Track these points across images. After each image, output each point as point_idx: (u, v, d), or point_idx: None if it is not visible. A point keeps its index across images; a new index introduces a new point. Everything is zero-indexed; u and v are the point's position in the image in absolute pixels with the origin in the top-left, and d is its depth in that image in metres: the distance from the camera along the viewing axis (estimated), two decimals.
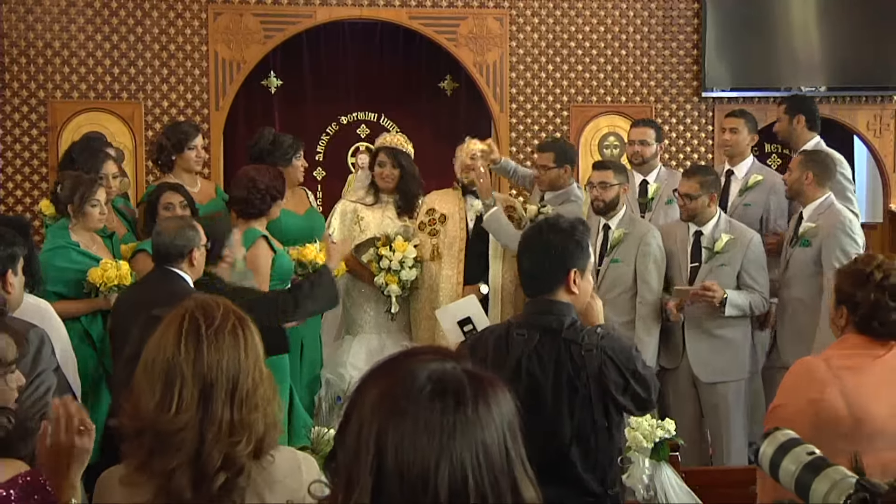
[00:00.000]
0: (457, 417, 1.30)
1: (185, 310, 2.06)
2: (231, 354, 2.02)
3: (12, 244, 3.44)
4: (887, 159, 7.31)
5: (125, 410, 2.03)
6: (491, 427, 1.32)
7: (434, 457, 1.27)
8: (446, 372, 1.35)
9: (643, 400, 2.95)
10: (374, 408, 1.32)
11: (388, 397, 1.31)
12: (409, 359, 1.38)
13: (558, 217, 3.18)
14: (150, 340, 2.07)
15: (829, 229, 4.93)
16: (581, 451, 2.91)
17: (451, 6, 6.99)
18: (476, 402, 1.33)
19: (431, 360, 1.36)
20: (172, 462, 1.95)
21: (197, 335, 2.01)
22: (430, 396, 1.30)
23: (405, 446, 1.28)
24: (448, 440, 1.28)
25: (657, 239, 5.01)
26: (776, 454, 2.20)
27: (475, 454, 1.29)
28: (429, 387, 1.31)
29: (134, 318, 3.30)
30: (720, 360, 4.98)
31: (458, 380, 1.34)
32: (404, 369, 1.35)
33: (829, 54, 7.21)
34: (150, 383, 2.00)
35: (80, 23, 6.72)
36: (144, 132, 6.75)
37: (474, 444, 1.29)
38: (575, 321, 2.97)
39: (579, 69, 7.16)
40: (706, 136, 7.25)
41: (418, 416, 1.29)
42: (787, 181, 5.18)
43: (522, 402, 2.84)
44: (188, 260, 3.94)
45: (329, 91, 7.32)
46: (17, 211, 6.65)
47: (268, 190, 4.63)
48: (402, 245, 5.09)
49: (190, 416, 1.97)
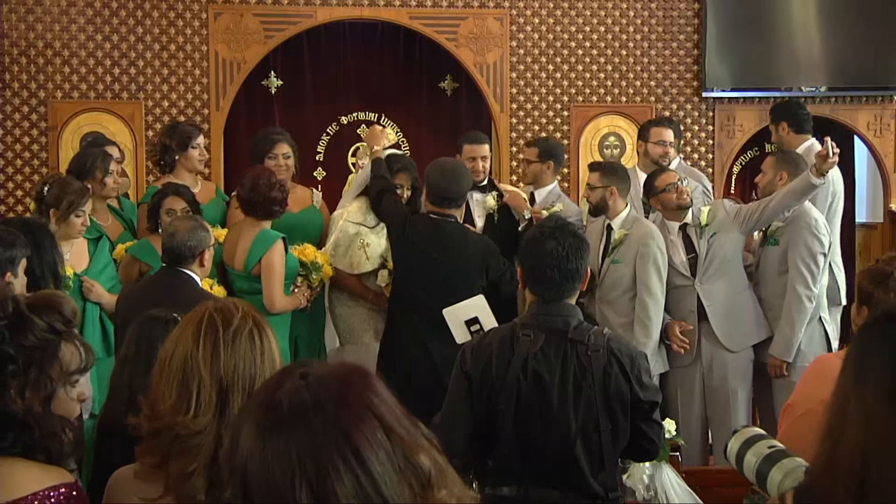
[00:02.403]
0: (300, 434, 1.26)
1: (205, 311, 2.06)
2: (247, 358, 2.02)
3: (12, 246, 3.44)
4: (888, 159, 7.31)
5: (143, 411, 2.03)
6: (351, 417, 1.28)
7: (287, 482, 1.25)
8: (282, 393, 1.30)
9: (647, 402, 2.96)
10: (243, 439, 1.30)
11: (249, 432, 1.30)
12: (266, 386, 1.36)
13: (567, 223, 3.19)
14: (168, 340, 2.07)
15: (796, 229, 4.97)
16: (585, 452, 2.91)
17: (452, 6, 6.99)
18: (319, 406, 1.29)
19: (278, 384, 1.32)
20: (190, 466, 1.94)
21: (214, 337, 2.01)
22: (270, 429, 1.28)
23: (261, 480, 1.27)
24: (299, 459, 1.25)
25: (657, 241, 5.00)
26: (741, 449, 2.28)
27: (339, 456, 1.26)
28: (268, 419, 1.28)
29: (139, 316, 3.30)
30: (742, 326, 5.04)
31: (294, 397, 1.30)
32: (258, 400, 1.33)
33: (830, 54, 7.21)
34: (168, 382, 2.00)
35: (80, 23, 6.71)
36: (144, 132, 6.74)
37: (333, 445, 1.26)
38: (581, 322, 2.98)
39: (579, 69, 7.16)
40: (706, 136, 7.25)
41: (265, 451, 1.27)
42: (759, 183, 5.20)
43: (528, 403, 2.89)
44: (199, 260, 3.97)
45: (329, 91, 7.32)
46: (17, 211, 6.65)
47: (281, 191, 4.75)
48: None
49: (208, 419, 1.97)
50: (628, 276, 4.99)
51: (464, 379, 2.98)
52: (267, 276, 4.61)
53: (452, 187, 4.68)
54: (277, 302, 4.65)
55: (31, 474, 1.96)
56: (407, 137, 7.40)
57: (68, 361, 2.09)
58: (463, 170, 4.86)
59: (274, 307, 4.61)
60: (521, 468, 2.95)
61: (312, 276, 4.87)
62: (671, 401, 5.06)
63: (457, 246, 4.64)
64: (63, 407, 2.07)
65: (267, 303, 4.59)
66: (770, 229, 5.08)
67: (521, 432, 2.93)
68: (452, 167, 4.84)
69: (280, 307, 4.67)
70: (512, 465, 2.95)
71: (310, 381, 1.31)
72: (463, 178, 4.76)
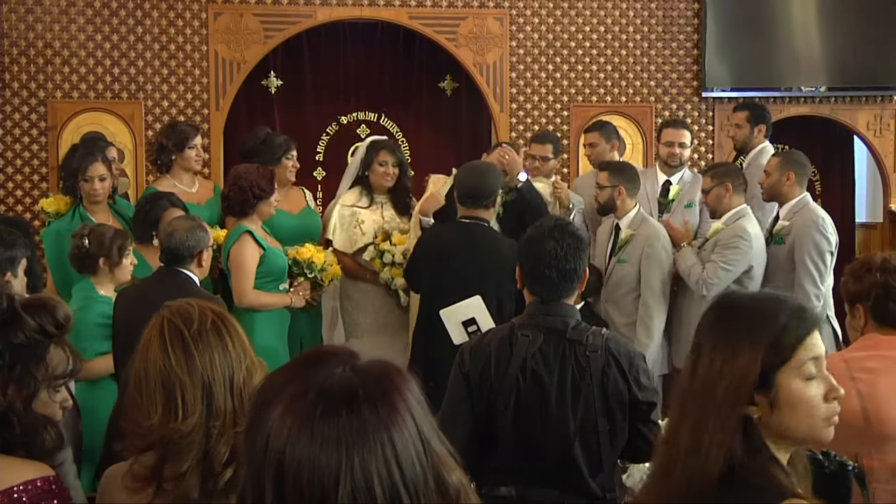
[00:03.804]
0: (352, 426, 1.23)
1: (161, 319, 2.07)
2: (220, 350, 2.04)
3: (13, 246, 3.43)
4: (887, 159, 7.31)
5: (126, 431, 2.03)
6: (397, 421, 1.25)
7: (332, 474, 1.21)
8: (334, 380, 1.27)
9: (645, 403, 2.96)
10: (278, 424, 1.26)
11: (288, 416, 1.26)
12: (306, 370, 1.31)
13: (567, 222, 3.19)
14: (136, 357, 2.07)
15: (802, 227, 4.96)
16: (583, 452, 2.91)
17: (451, 6, 6.99)
18: (372, 401, 1.25)
19: (322, 369, 1.29)
20: (183, 466, 1.96)
21: (182, 340, 2.02)
22: (321, 415, 1.24)
23: (303, 467, 1.23)
24: (347, 452, 1.22)
25: (662, 241, 5.00)
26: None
27: (382, 458, 1.23)
28: (321, 405, 1.25)
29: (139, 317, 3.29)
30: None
31: (346, 385, 1.26)
32: (300, 384, 1.28)
33: (830, 54, 7.21)
34: (149, 398, 2.01)
35: (80, 23, 6.71)
36: (144, 132, 6.75)
37: (380, 446, 1.23)
38: (579, 322, 2.98)
39: (579, 69, 7.16)
40: (706, 136, 7.26)
41: (313, 437, 1.23)
42: (763, 184, 5.19)
43: (527, 403, 2.89)
44: (197, 261, 3.97)
45: (329, 91, 7.32)
46: (16, 211, 6.65)
47: (250, 188, 4.61)
48: (401, 238, 5.07)
49: (197, 417, 1.99)
50: (633, 276, 5.00)
51: (463, 379, 2.98)
52: (233, 269, 4.59)
53: (480, 184, 4.54)
54: (244, 296, 4.57)
55: (9, 469, 1.96)
56: (406, 137, 7.40)
57: (55, 365, 2.11)
58: (492, 169, 4.74)
59: (241, 301, 4.56)
60: (519, 468, 2.94)
61: (319, 275, 4.86)
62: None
63: (489, 251, 4.46)
64: (44, 409, 2.08)
65: (234, 297, 4.56)
66: (776, 228, 5.07)
67: (519, 432, 2.93)
68: (480, 165, 4.80)
69: (248, 302, 4.58)
70: (510, 465, 2.95)
71: (358, 372, 1.29)
72: (491, 177, 4.62)
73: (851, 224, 7.61)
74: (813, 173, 7.50)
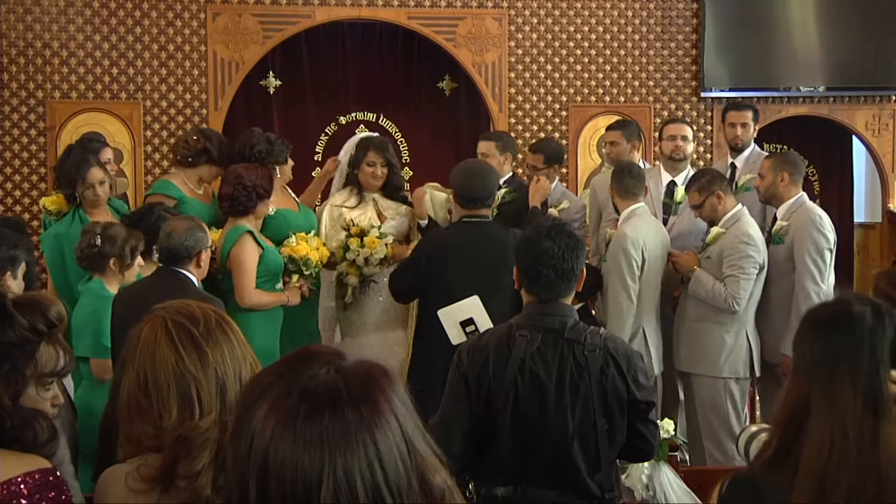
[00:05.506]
0: (335, 427, 1.23)
1: (163, 321, 2.06)
2: (228, 346, 2.05)
3: (15, 246, 3.43)
4: (886, 159, 7.31)
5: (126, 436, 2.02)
6: (380, 422, 1.25)
7: (315, 475, 1.21)
8: (318, 381, 1.27)
9: (644, 403, 2.96)
10: (262, 425, 1.26)
11: (272, 417, 1.26)
12: (290, 371, 1.30)
13: (563, 223, 3.19)
14: (134, 360, 2.05)
15: (800, 226, 4.97)
16: (582, 452, 2.91)
17: (450, 6, 7.00)
18: (355, 402, 1.25)
19: (307, 369, 1.29)
20: (199, 464, 1.95)
21: (192, 338, 2.02)
22: (304, 416, 1.24)
23: (286, 468, 1.23)
24: (330, 453, 1.22)
25: (630, 238, 4.89)
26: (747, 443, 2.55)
27: (365, 459, 1.23)
28: (304, 406, 1.24)
29: (137, 317, 3.29)
30: (689, 351, 5.03)
31: (330, 386, 1.26)
32: (284, 385, 1.28)
33: (829, 54, 7.21)
34: (161, 400, 2.00)
35: (78, 23, 6.71)
36: (143, 132, 6.75)
37: (362, 447, 1.23)
38: (577, 322, 2.98)
39: (578, 69, 7.16)
40: (705, 136, 7.26)
41: (296, 438, 1.23)
42: (759, 188, 5.19)
43: (525, 403, 2.89)
44: (195, 261, 3.97)
45: (328, 91, 7.32)
46: (15, 211, 6.65)
47: (254, 188, 4.65)
48: (373, 242, 5.01)
49: (214, 415, 1.99)
50: (609, 275, 5.01)
51: (461, 380, 2.98)
52: (235, 270, 4.59)
53: (478, 185, 4.58)
54: (247, 296, 4.57)
55: (8, 462, 1.97)
56: (405, 137, 7.40)
57: (45, 363, 2.11)
58: (488, 168, 4.77)
59: (244, 301, 4.56)
60: (517, 468, 2.94)
61: (314, 272, 4.86)
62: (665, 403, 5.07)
63: (501, 243, 4.40)
64: (33, 405, 2.09)
65: (237, 297, 4.56)
66: (774, 228, 5.09)
67: (518, 433, 2.93)
68: (476, 167, 4.80)
69: (251, 302, 4.58)
70: (509, 465, 2.95)
71: (342, 373, 1.28)
72: (488, 177, 4.65)
73: (850, 224, 7.62)
74: (812, 173, 7.53)
